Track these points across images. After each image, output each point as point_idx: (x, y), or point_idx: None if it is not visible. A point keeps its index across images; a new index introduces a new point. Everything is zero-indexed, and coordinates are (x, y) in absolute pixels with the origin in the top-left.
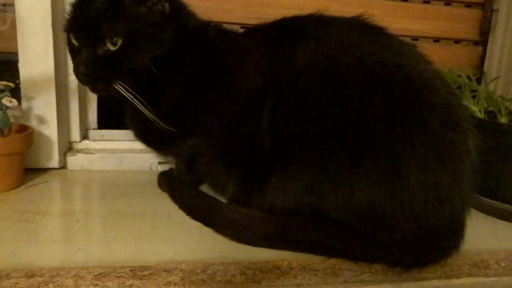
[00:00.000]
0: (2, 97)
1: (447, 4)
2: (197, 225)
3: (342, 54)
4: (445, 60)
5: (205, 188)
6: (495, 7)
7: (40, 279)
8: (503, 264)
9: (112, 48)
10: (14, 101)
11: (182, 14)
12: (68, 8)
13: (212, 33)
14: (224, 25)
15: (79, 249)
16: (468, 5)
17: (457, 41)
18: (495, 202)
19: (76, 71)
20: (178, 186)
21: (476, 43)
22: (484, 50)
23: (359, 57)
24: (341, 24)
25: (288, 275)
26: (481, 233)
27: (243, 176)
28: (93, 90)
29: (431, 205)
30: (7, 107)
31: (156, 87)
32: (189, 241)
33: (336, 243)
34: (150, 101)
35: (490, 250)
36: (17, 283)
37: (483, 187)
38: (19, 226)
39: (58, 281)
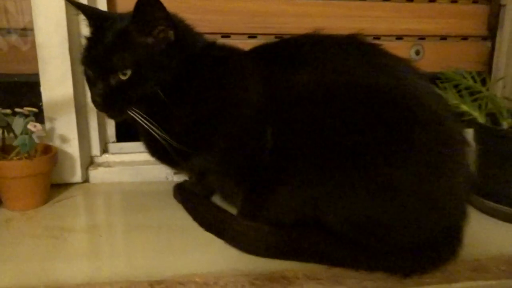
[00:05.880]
0: (27, 123)
1: (453, 1)
2: (209, 236)
3: (337, 78)
4: (453, 57)
5: (217, 199)
6: (502, 2)
7: None
8: (502, 268)
9: (123, 78)
10: (38, 126)
11: (187, 38)
12: (83, 41)
13: (216, 54)
14: (232, 35)
15: (103, 265)
16: (475, 1)
17: (464, 38)
18: (496, 204)
19: (93, 100)
20: (192, 198)
21: (484, 38)
22: (493, 45)
23: (353, 81)
24: (336, 46)
25: (295, 284)
26: (482, 235)
27: (250, 191)
28: (110, 116)
29: (426, 215)
30: (32, 132)
31: (167, 110)
32: (202, 253)
33: (338, 253)
34: (162, 123)
35: (489, 255)
36: None
37: (484, 189)
38: (48, 242)
39: None
